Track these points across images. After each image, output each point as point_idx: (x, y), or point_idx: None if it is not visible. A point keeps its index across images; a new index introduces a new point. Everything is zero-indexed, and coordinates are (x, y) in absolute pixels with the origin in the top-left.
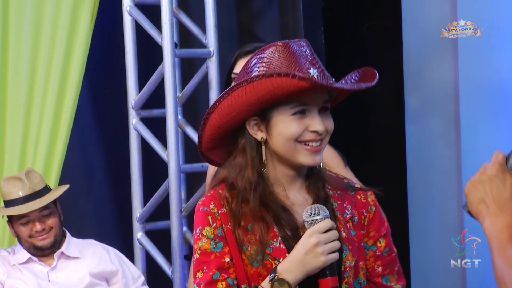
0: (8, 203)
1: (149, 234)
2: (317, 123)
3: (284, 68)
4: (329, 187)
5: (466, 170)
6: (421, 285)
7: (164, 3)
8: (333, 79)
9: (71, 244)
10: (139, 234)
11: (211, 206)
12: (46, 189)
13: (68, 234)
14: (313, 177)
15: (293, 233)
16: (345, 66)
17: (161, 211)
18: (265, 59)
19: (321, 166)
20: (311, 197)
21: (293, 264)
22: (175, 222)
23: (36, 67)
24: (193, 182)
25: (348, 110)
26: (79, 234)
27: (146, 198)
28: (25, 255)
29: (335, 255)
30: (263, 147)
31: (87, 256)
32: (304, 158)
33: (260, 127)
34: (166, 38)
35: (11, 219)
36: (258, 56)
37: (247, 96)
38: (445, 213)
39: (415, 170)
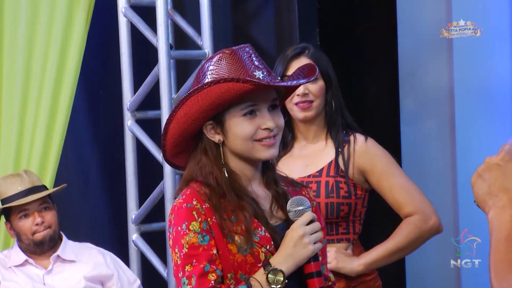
0: (7, 200)
1: (144, 235)
2: (268, 121)
3: (232, 73)
4: (282, 183)
5: (461, 171)
6: (419, 286)
7: (159, 4)
8: (278, 78)
9: (67, 247)
10: (134, 236)
11: (194, 202)
12: (44, 187)
13: (64, 237)
14: (269, 173)
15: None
16: (340, 68)
17: (156, 212)
18: (213, 67)
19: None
20: (270, 192)
21: (284, 257)
22: None
23: (31, 68)
24: None
25: None
26: (74, 235)
27: (141, 199)
28: (22, 257)
29: (320, 244)
30: (221, 148)
31: (83, 260)
32: (261, 153)
33: (216, 130)
34: (161, 40)
35: (9, 218)
36: (207, 65)
37: (199, 103)
38: (440, 214)
39: (410, 171)
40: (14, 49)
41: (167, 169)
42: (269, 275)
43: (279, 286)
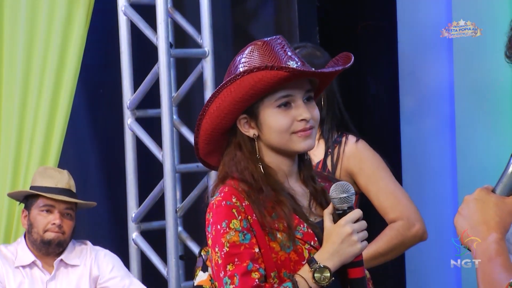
0: (39, 189)
1: (144, 234)
2: (303, 111)
3: (265, 63)
4: (318, 179)
5: (461, 170)
6: (419, 286)
7: (159, 3)
8: (313, 69)
9: (72, 251)
10: (134, 234)
11: (234, 200)
12: (77, 196)
13: (70, 242)
14: (306, 169)
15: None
16: None
17: (156, 211)
18: (245, 59)
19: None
20: (308, 189)
21: (330, 254)
22: (170, 222)
23: (31, 67)
24: (188, 182)
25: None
26: (74, 233)
27: (141, 198)
28: (30, 257)
29: (366, 243)
30: (256, 143)
31: (87, 265)
32: (298, 145)
33: (250, 124)
34: (161, 38)
35: (30, 206)
36: (238, 58)
37: (232, 95)
38: (440, 213)
39: (410, 170)
40: (14, 47)
41: (167, 167)
42: (316, 273)
43: (326, 283)
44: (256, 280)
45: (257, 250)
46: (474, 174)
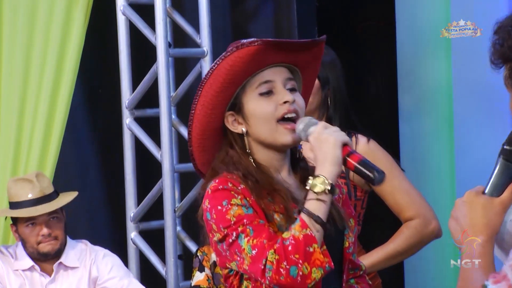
0: (16, 205)
1: (142, 233)
2: (285, 94)
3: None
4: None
5: (460, 169)
6: (419, 285)
7: (158, 2)
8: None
9: (70, 253)
10: (132, 234)
11: (230, 185)
12: (55, 194)
13: (68, 242)
14: (301, 168)
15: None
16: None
17: (155, 210)
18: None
19: (302, 155)
20: (301, 182)
21: (318, 166)
22: (169, 221)
23: (30, 67)
24: (187, 181)
25: None
26: (73, 233)
27: (139, 197)
28: (28, 262)
29: (343, 133)
30: (245, 139)
31: (87, 266)
32: (284, 137)
33: (238, 120)
34: (159, 38)
35: (15, 221)
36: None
37: (213, 87)
38: (439, 212)
39: (409, 169)
40: (13, 47)
41: (166, 167)
42: (311, 183)
43: (323, 190)
44: (271, 229)
45: (262, 222)
46: (473, 172)
